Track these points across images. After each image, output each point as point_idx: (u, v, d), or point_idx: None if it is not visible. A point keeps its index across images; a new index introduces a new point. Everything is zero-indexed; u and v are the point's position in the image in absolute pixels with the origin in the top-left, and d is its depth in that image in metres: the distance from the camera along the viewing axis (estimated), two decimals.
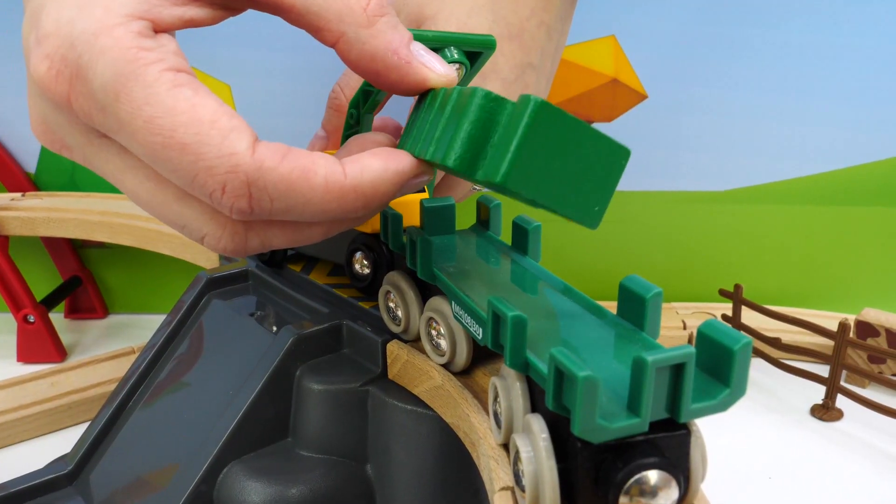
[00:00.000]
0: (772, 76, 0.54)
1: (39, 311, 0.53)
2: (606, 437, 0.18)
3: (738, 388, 0.19)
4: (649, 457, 0.19)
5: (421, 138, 0.24)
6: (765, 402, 0.48)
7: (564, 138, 0.20)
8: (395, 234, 0.31)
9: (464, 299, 0.25)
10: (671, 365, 0.18)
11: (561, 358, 0.18)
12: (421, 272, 0.28)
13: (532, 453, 0.20)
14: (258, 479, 0.31)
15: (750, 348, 0.19)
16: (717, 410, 0.19)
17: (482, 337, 0.24)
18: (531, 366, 0.21)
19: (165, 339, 0.39)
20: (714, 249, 0.59)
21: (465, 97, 0.22)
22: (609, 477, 0.19)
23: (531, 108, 0.20)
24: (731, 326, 0.20)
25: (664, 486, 0.19)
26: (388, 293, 0.32)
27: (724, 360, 0.19)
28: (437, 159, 0.23)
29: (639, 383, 0.18)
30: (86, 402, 0.47)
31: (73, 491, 0.36)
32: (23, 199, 0.55)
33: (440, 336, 0.29)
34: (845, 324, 0.45)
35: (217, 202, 0.22)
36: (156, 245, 0.49)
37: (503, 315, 0.21)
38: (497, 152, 0.21)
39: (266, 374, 0.32)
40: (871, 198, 0.57)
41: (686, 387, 0.18)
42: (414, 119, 0.26)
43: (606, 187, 0.21)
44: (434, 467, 0.30)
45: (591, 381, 0.17)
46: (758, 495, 0.39)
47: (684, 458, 0.20)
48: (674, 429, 0.19)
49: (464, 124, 0.21)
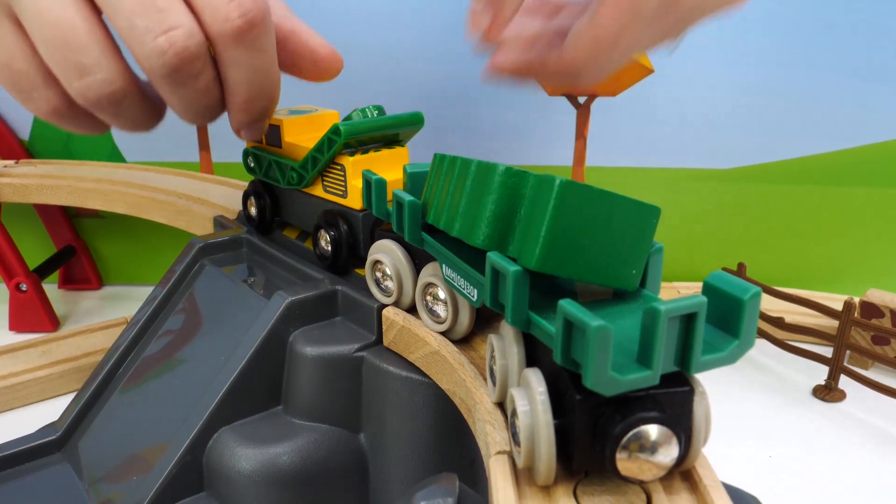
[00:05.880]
0: (779, 53, 0.53)
1: (32, 279, 0.52)
2: (618, 389, 0.17)
3: (748, 339, 0.18)
4: (650, 411, 0.18)
5: (444, 210, 0.24)
6: (767, 382, 0.48)
7: (593, 212, 0.20)
8: (378, 199, 0.29)
9: (457, 262, 0.25)
10: (682, 315, 0.18)
11: (571, 309, 0.18)
12: (409, 236, 0.27)
13: (528, 407, 0.20)
14: (249, 446, 0.30)
15: (759, 298, 0.19)
16: (726, 363, 0.19)
17: (476, 298, 0.24)
18: (533, 323, 0.21)
19: (157, 307, 0.38)
20: (717, 228, 0.58)
21: (485, 172, 0.22)
22: (607, 431, 0.18)
23: (556, 191, 0.19)
24: (737, 278, 0.19)
25: (664, 442, 0.18)
26: (375, 263, 0.31)
27: (733, 311, 0.18)
28: (462, 236, 0.23)
29: (650, 334, 0.17)
30: (78, 371, 0.46)
31: (62, 457, 0.36)
32: (16, 166, 0.54)
33: (437, 302, 0.28)
34: (850, 303, 0.45)
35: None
36: (150, 213, 0.48)
37: (504, 271, 0.21)
38: (527, 234, 0.20)
39: (258, 339, 0.31)
40: (878, 178, 0.56)
41: (697, 338, 0.18)
42: (434, 185, 0.26)
43: (641, 249, 0.21)
44: (429, 436, 0.30)
45: (604, 331, 0.17)
46: (758, 474, 0.39)
47: (687, 415, 0.19)
48: (677, 385, 0.19)
49: (487, 203, 0.21)
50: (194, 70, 0.27)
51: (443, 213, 0.24)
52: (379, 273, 0.31)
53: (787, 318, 0.50)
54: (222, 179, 0.52)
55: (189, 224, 0.46)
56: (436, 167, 0.26)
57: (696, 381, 0.20)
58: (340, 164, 0.33)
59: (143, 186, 0.49)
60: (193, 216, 0.46)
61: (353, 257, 0.34)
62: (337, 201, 0.34)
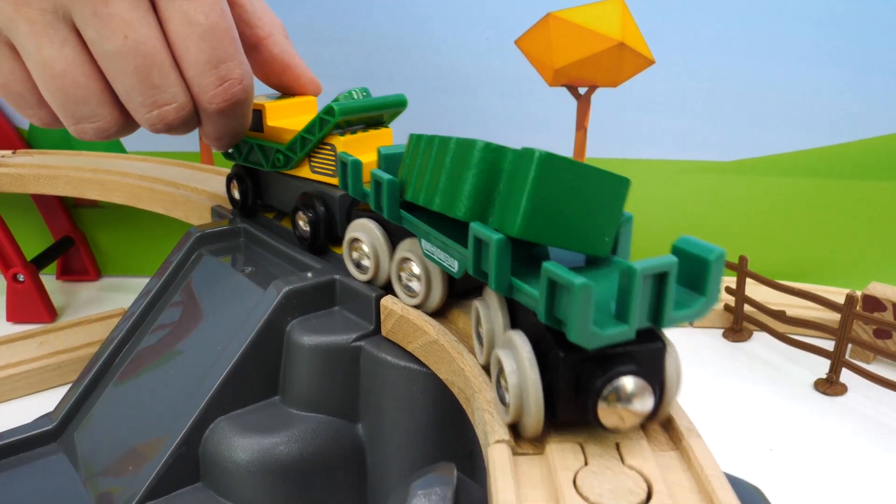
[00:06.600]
0: (783, 44, 0.52)
1: (29, 270, 0.52)
2: (599, 343, 0.19)
3: (713, 296, 0.20)
4: (627, 365, 0.20)
5: (424, 187, 0.25)
6: (768, 375, 0.48)
7: (570, 182, 0.21)
8: (355, 180, 0.30)
9: (437, 235, 0.26)
10: (655, 274, 0.19)
11: (555, 269, 0.19)
12: (388, 214, 0.28)
13: (515, 365, 0.21)
14: (245, 436, 0.30)
15: (724, 258, 0.20)
16: (694, 318, 0.20)
17: (458, 269, 0.25)
18: (515, 288, 0.22)
19: (153, 297, 0.38)
20: (718, 220, 0.58)
21: (464, 148, 0.23)
22: (589, 385, 0.20)
23: (536, 162, 0.20)
24: (703, 241, 0.21)
25: (640, 393, 0.20)
26: (353, 241, 0.31)
27: (700, 271, 0.20)
28: (444, 210, 0.24)
29: (627, 291, 0.19)
30: (75, 362, 0.46)
31: (58, 447, 0.35)
32: (13, 156, 0.54)
33: (412, 278, 0.29)
34: (853, 296, 0.44)
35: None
36: (148, 203, 0.48)
37: (487, 239, 0.22)
38: (508, 204, 0.21)
39: (256, 328, 0.31)
40: (880, 172, 0.55)
41: (668, 295, 0.19)
42: (411, 164, 0.27)
43: (613, 217, 0.22)
44: (427, 427, 0.29)
45: (586, 288, 0.18)
46: (758, 466, 0.39)
47: (660, 369, 0.21)
48: (651, 342, 0.21)
49: (468, 177, 0.23)
50: (179, 131, 0.32)
51: (422, 189, 0.25)
52: (356, 252, 0.31)
53: (788, 311, 0.49)
54: (220, 169, 0.52)
55: (187, 214, 0.46)
56: (412, 147, 0.27)
57: (666, 338, 0.21)
58: (331, 143, 0.34)
59: (140, 176, 0.49)
60: (191, 206, 0.45)
61: (330, 237, 0.35)
62: (327, 181, 0.35)
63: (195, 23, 0.29)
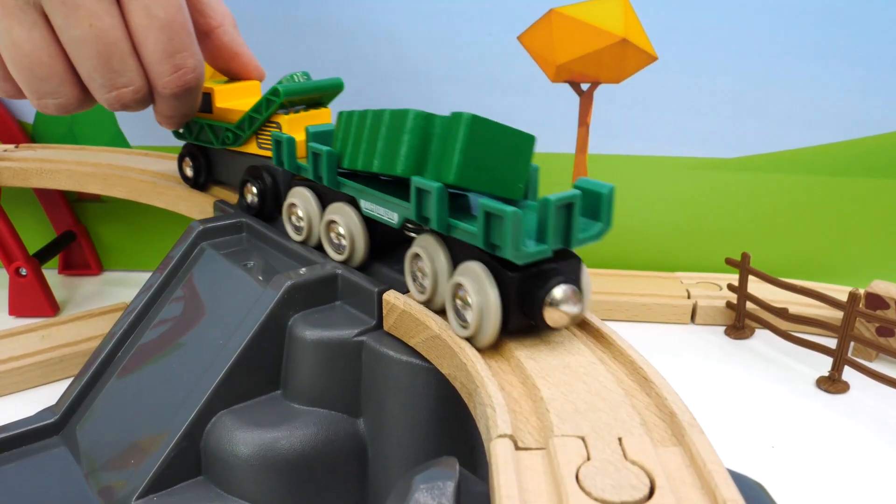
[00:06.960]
0: (786, 41, 0.52)
1: (32, 264, 0.52)
2: (526, 259, 0.24)
3: (607, 222, 0.26)
4: (558, 276, 0.25)
5: (361, 154, 0.29)
6: (770, 373, 0.48)
7: (492, 138, 0.25)
8: (290, 155, 0.35)
9: (377, 194, 0.30)
10: (565, 204, 0.24)
11: (491, 203, 0.24)
12: (327, 181, 0.32)
13: (477, 286, 0.25)
14: (247, 430, 0.30)
15: (614, 191, 0.25)
16: (595, 239, 0.26)
17: (398, 220, 0.29)
18: (453, 226, 0.26)
19: (155, 291, 0.38)
20: (721, 218, 0.58)
21: (399, 117, 0.27)
22: (534, 296, 0.25)
23: (466, 122, 0.25)
24: (598, 180, 0.26)
25: (572, 295, 0.25)
26: (290, 206, 0.36)
27: (597, 203, 0.25)
28: (384, 169, 0.28)
29: (545, 219, 0.24)
30: (77, 356, 0.46)
31: (59, 440, 0.35)
32: (16, 151, 0.54)
33: (340, 237, 0.33)
34: (856, 293, 0.44)
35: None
36: (150, 198, 0.48)
37: (429, 187, 0.26)
38: (443, 158, 0.26)
39: (257, 323, 0.31)
40: (884, 169, 0.55)
41: (575, 221, 0.25)
42: (345, 137, 0.31)
43: (524, 167, 0.27)
44: (429, 421, 0.29)
45: (517, 215, 0.23)
46: (760, 463, 0.39)
47: (580, 277, 0.26)
48: (570, 258, 0.26)
49: (404, 140, 0.27)
50: (134, 109, 0.36)
51: (359, 157, 0.30)
52: (293, 216, 0.36)
53: (790, 308, 0.49)
54: None
55: (189, 209, 0.46)
56: (343, 123, 0.31)
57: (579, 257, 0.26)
58: (276, 122, 0.37)
59: (143, 171, 0.49)
60: (194, 201, 0.45)
61: (276, 205, 0.39)
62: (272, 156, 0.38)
63: (155, 16, 0.32)
